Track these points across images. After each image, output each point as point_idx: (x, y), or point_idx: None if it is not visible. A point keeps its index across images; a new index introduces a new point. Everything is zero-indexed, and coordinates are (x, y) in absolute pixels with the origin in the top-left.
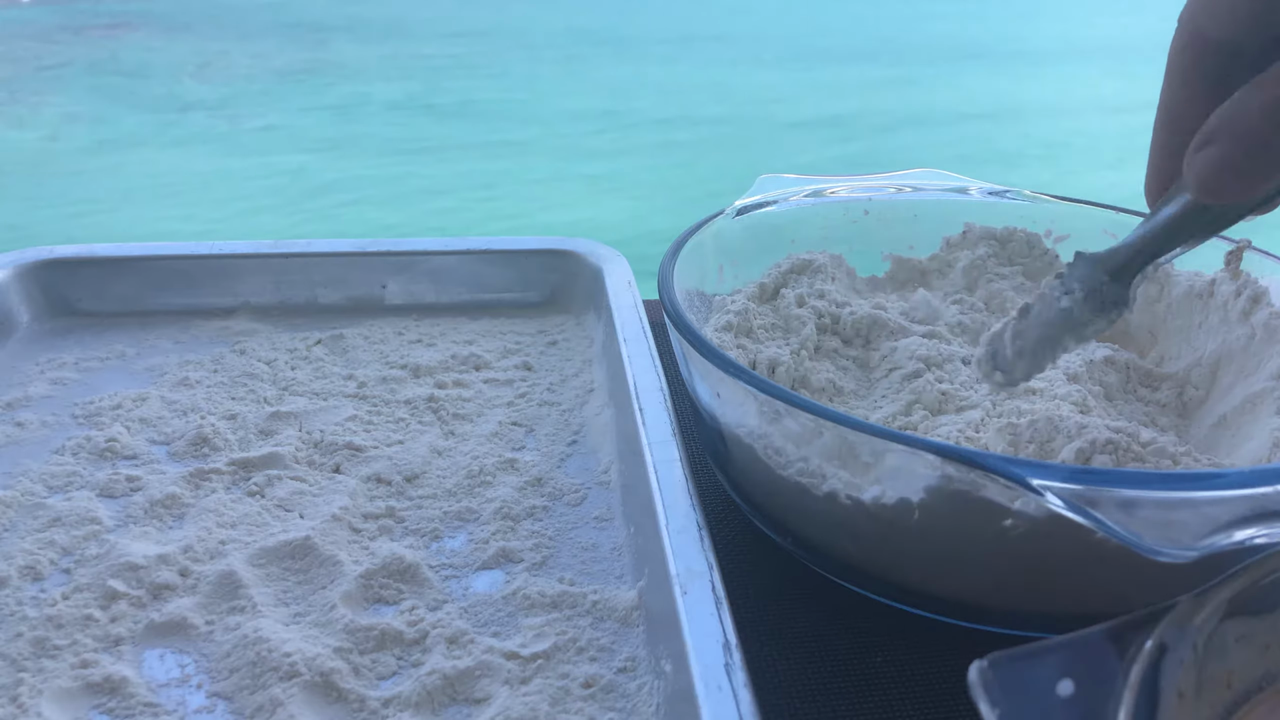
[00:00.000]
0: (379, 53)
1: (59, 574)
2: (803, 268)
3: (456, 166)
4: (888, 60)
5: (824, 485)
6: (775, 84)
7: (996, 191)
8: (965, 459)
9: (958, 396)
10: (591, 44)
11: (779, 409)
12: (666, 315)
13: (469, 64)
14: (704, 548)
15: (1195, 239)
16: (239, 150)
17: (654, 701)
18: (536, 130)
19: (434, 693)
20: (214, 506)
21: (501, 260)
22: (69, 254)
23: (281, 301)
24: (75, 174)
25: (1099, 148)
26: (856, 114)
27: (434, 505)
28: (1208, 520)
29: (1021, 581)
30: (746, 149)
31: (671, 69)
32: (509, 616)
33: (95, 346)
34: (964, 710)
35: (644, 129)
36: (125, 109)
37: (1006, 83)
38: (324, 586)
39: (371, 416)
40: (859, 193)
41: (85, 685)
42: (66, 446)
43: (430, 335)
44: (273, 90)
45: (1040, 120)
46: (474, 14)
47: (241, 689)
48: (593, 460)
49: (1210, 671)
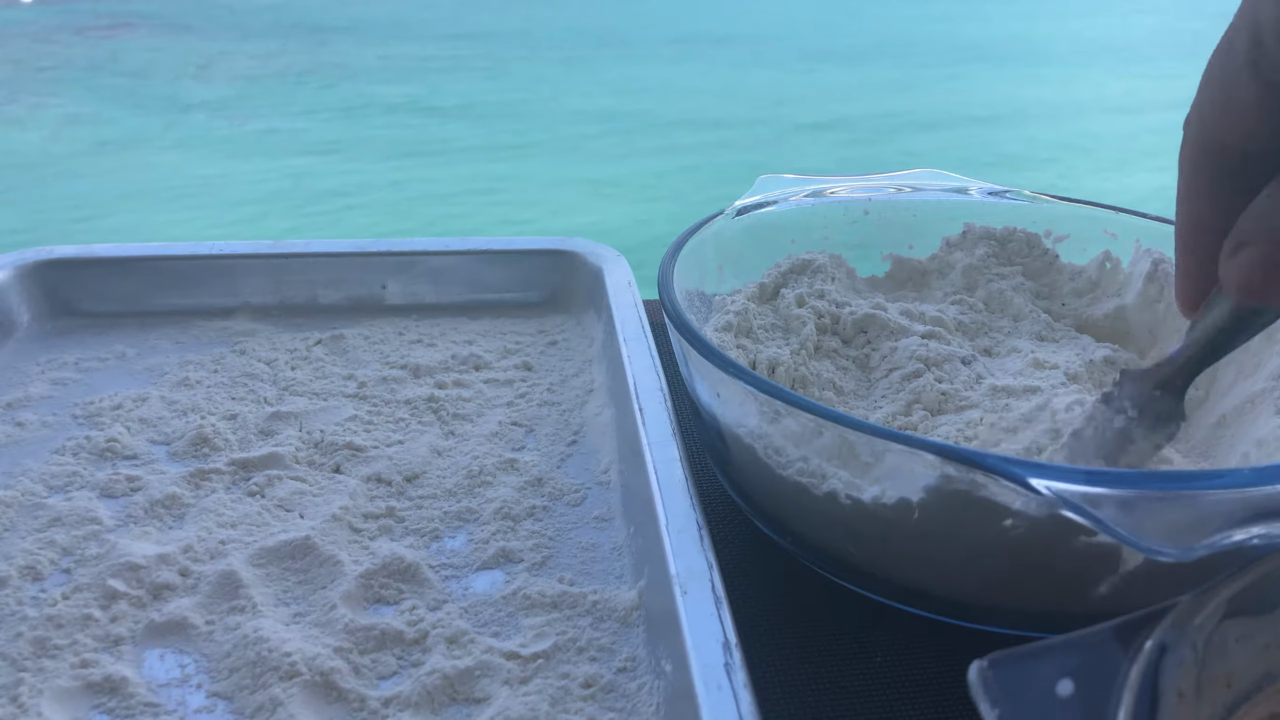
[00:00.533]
0: (380, 53)
1: (59, 574)
2: (803, 268)
3: (458, 169)
4: (890, 61)
5: (824, 485)
6: (781, 85)
7: (996, 191)
8: (965, 459)
9: (958, 396)
10: (593, 45)
11: (779, 409)
12: (666, 315)
13: (473, 65)
14: (704, 548)
15: (1244, 340)
16: (240, 152)
17: (654, 701)
18: (540, 133)
19: (434, 693)
20: (214, 506)
21: (501, 260)
22: (69, 254)
23: (281, 301)
24: (76, 175)
25: (1104, 150)
26: (862, 116)
27: (434, 505)
28: (1208, 520)
29: (1021, 581)
30: (750, 152)
31: (674, 69)
32: (509, 616)
33: (95, 347)
34: (964, 710)
35: (648, 132)
36: (126, 110)
37: (1009, 84)
38: (324, 586)
39: (371, 416)
40: (859, 193)
41: (85, 685)
42: (67, 446)
43: (430, 335)
44: (274, 91)
45: (1046, 123)
46: (474, 15)
47: (241, 689)
48: (593, 460)
49: (1210, 671)
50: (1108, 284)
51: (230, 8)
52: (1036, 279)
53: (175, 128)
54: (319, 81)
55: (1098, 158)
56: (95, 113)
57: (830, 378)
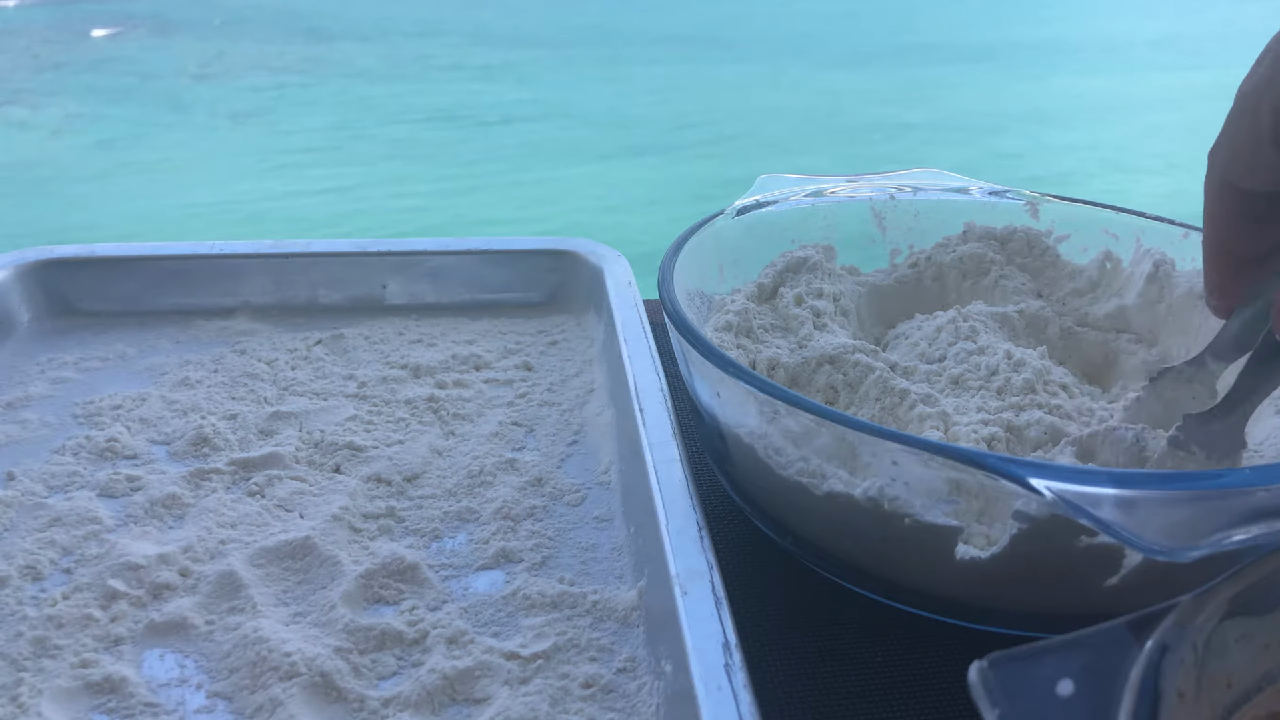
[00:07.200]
0: (379, 52)
1: (59, 574)
2: (798, 266)
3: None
4: (890, 62)
5: (824, 485)
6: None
7: (996, 191)
8: (965, 459)
9: None
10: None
11: (779, 409)
12: (666, 315)
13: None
14: (704, 548)
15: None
16: (241, 154)
17: (654, 702)
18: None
19: (434, 693)
20: (214, 506)
21: (502, 260)
22: (69, 254)
23: (282, 301)
24: (76, 177)
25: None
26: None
27: (434, 505)
28: (1208, 520)
29: (1021, 581)
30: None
31: (676, 70)
32: (509, 616)
33: (95, 346)
34: (964, 710)
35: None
36: (126, 110)
37: (1008, 85)
38: (324, 586)
39: (372, 416)
40: (859, 192)
41: (85, 685)
42: (67, 446)
43: (430, 335)
44: (276, 91)
45: (1045, 127)
46: (472, 16)
47: (241, 689)
48: (593, 460)
49: (1210, 671)
50: (1108, 284)
51: (233, 8)
52: (1037, 279)
53: (176, 129)
54: (321, 82)
55: (1101, 161)
56: (95, 112)
57: (830, 378)
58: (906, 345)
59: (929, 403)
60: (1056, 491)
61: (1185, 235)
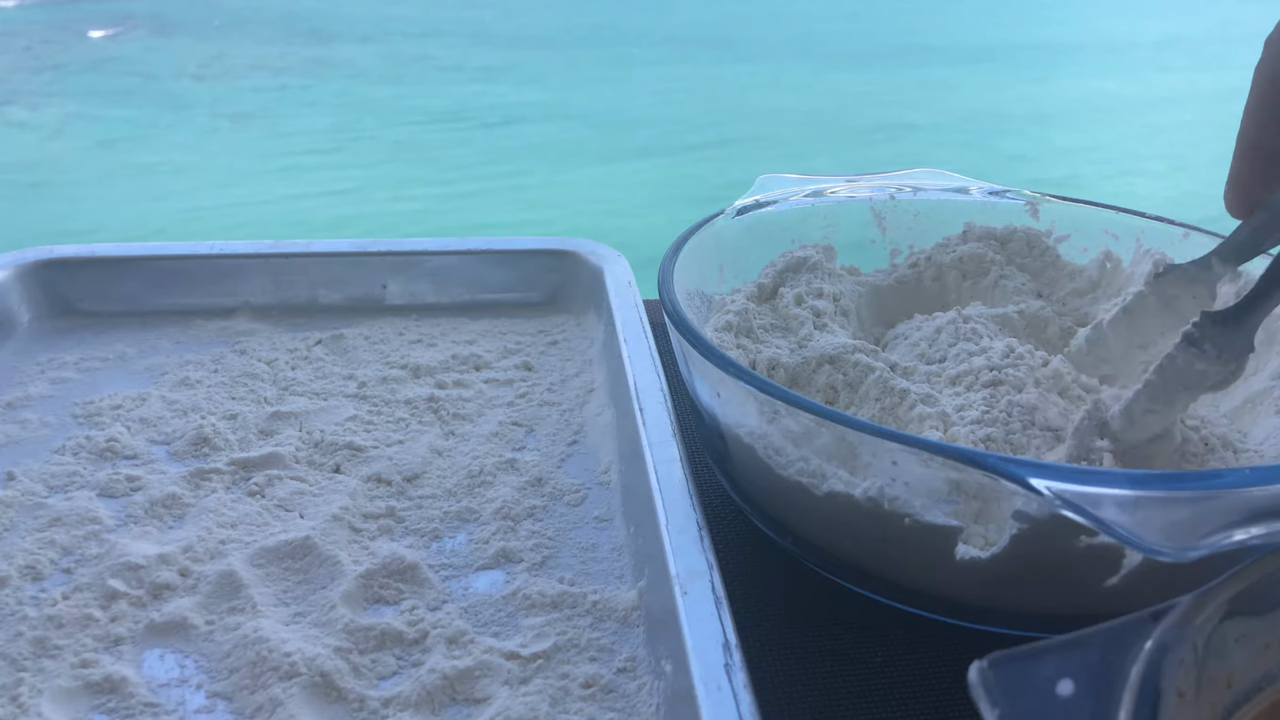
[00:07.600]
0: (379, 52)
1: (59, 574)
2: (798, 266)
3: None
4: (893, 63)
5: (824, 485)
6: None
7: (996, 191)
8: (965, 459)
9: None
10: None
11: (779, 409)
12: (666, 315)
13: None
14: (704, 548)
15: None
16: (242, 155)
17: (654, 702)
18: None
19: (434, 693)
20: (214, 506)
21: (502, 260)
22: (69, 254)
23: (281, 301)
24: (76, 178)
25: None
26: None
27: (434, 505)
28: (1208, 520)
29: (1021, 581)
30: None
31: (678, 71)
32: (509, 616)
33: (95, 346)
34: (964, 710)
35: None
36: (126, 111)
37: (1012, 85)
38: (324, 586)
39: (372, 416)
40: (859, 192)
41: (85, 685)
42: (67, 446)
43: (430, 335)
44: (276, 92)
45: (1041, 125)
46: (473, 17)
47: (241, 689)
48: (593, 460)
49: (1210, 671)
50: (1108, 284)
51: (232, 8)
52: (1037, 279)
53: (176, 129)
54: (321, 82)
55: (1106, 162)
56: (95, 112)
57: (830, 378)
58: (906, 345)
59: (929, 403)
60: (1056, 491)
61: (1185, 235)
